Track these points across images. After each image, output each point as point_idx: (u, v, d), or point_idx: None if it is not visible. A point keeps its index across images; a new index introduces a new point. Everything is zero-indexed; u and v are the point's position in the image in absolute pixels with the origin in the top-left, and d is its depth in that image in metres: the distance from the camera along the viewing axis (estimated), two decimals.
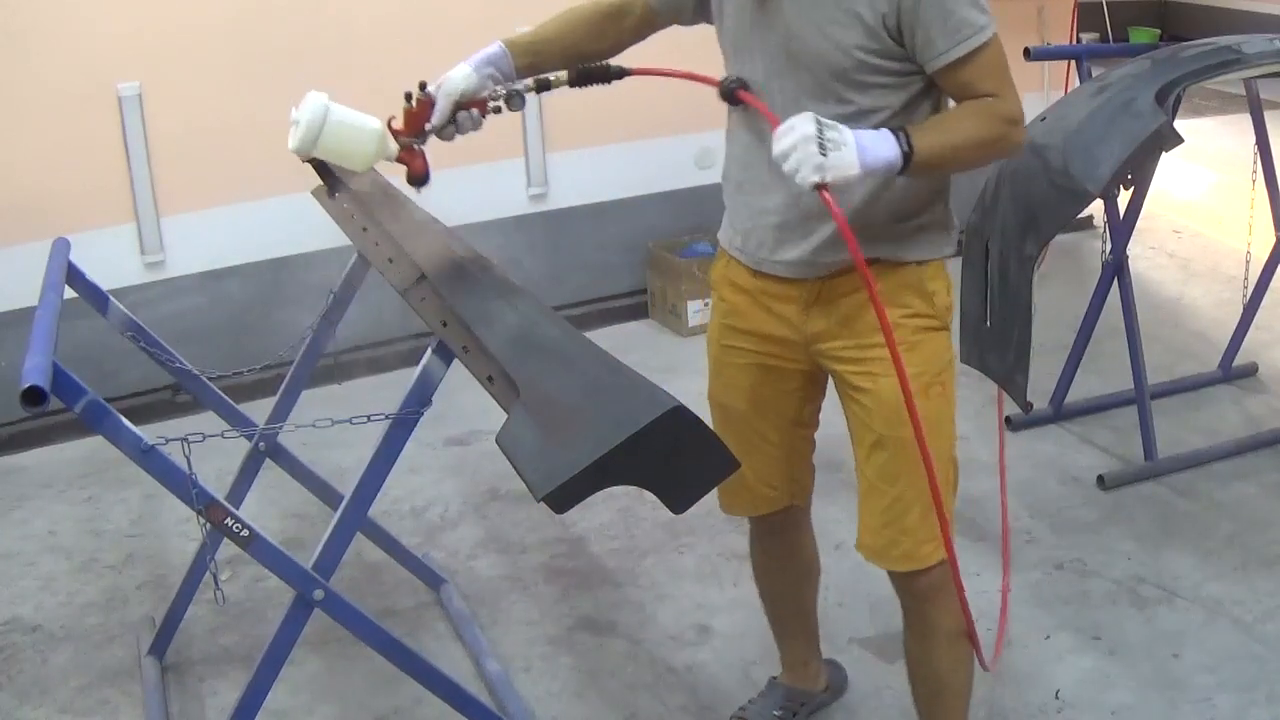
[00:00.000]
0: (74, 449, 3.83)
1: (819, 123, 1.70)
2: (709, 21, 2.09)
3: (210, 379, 2.70)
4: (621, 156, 4.70)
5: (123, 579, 3.17)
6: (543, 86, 2.04)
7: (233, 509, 2.00)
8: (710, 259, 5.20)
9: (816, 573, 2.54)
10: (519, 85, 2.03)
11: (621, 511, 3.36)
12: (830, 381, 2.15)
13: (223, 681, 2.73)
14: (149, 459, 1.91)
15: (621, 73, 2.04)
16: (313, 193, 2.65)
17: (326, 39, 4.08)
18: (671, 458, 1.49)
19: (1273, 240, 3.94)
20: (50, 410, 1.76)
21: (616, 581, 3.09)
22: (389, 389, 2.68)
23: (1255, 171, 3.85)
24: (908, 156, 1.76)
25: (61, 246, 2.50)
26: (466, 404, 2.78)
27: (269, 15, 4.01)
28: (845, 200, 1.84)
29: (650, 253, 4.77)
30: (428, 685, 2.24)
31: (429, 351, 1.98)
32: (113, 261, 3.83)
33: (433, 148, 2.07)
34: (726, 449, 1.54)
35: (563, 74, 2.03)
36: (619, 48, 2.15)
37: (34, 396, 1.73)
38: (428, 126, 2.02)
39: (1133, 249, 3.56)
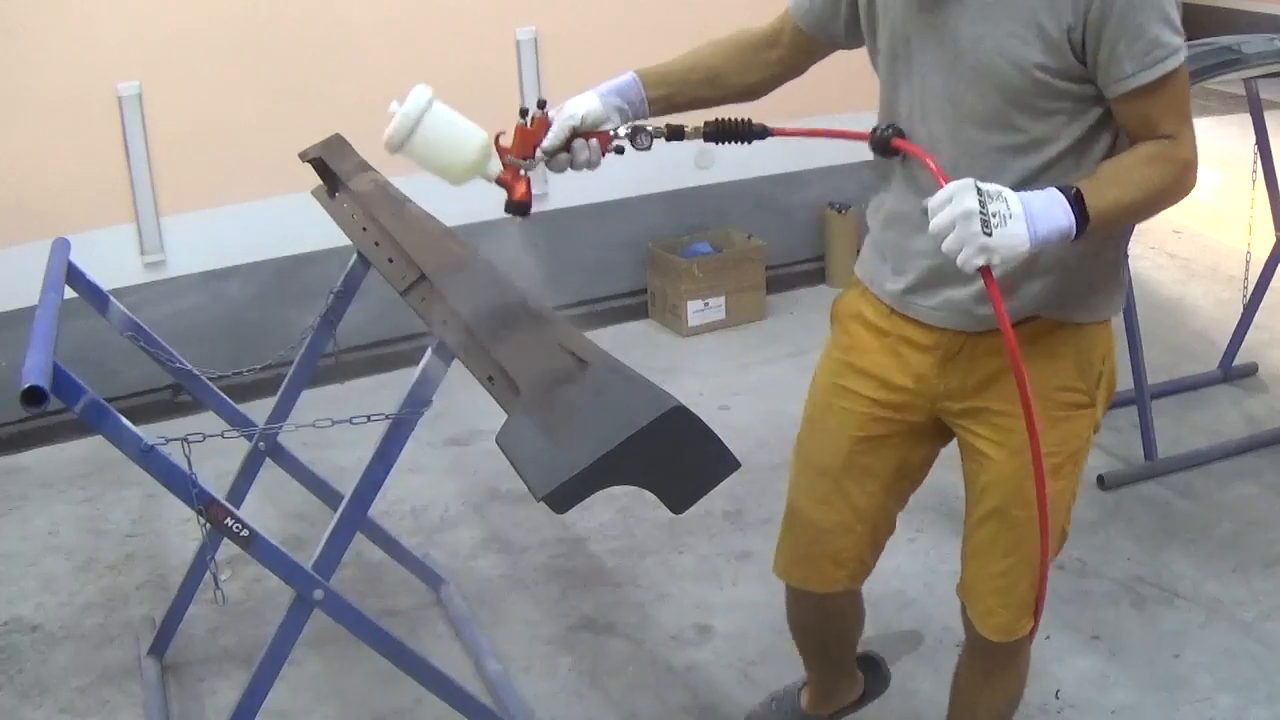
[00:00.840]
0: (74, 449, 3.83)
1: (981, 193, 1.50)
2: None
3: (210, 379, 2.70)
4: (622, 156, 4.69)
5: (123, 579, 3.17)
6: (674, 135, 1.82)
7: (233, 509, 2.00)
8: (709, 259, 5.16)
9: (860, 625, 2.32)
10: (648, 125, 1.83)
11: (621, 511, 3.36)
12: (934, 457, 2.01)
13: (223, 681, 2.73)
14: (149, 459, 1.91)
15: (764, 132, 1.82)
16: (313, 193, 2.65)
17: (327, 39, 4.08)
18: (672, 458, 1.49)
19: (1273, 240, 3.93)
20: (50, 410, 1.76)
21: (616, 581, 3.09)
22: (389, 389, 2.69)
23: (1255, 171, 3.85)
24: (1082, 221, 1.54)
25: (61, 246, 2.50)
26: (466, 404, 2.77)
27: (269, 15, 4.01)
28: None
29: (650, 253, 4.77)
30: (428, 685, 2.24)
31: (429, 351, 1.98)
32: (113, 261, 3.83)
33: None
34: (726, 449, 1.54)
35: (699, 123, 1.83)
36: (769, 83, 1.95)
37: (34, 396, 1.73)
38: (539, 150, 1.82)
39: (1133, 249, 3.56)
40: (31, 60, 3.72)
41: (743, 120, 1.82)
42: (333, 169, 2.51)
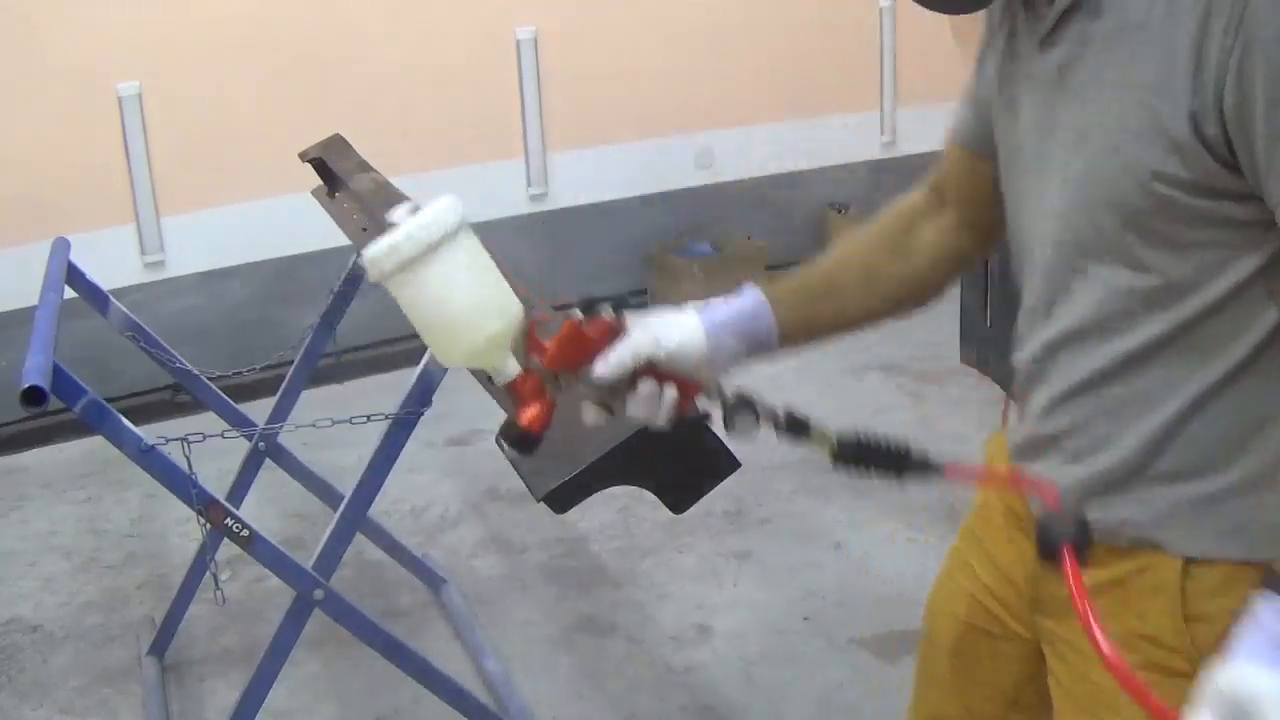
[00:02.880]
0: (74, 449, 3.83)
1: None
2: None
3: (210, 379, 2.70)
4: (621, 156, 4.70)
5: (123, 579, 3.17)
6: (795, 431, 1.22)
7: (233, 509, 2.00)
8: (709, 259, 5.16)
9: None
10: (759, 404, 1.23)
11: (621, 511, 3.36)
12: None
13: (223, 681, 2.73)
14: (149, 459, 1.91)
15: (925, 465, 1.21)
16: (313, 193, 2.65)
17: (327, 39, 4.08)
18: (672, 458, 1.49)
19: None
20: (50, 410, 1.76)
21: (616, 581, 3.09)
22: (389, 389, 2.68)
23: None
24: None
25: (61, 246, 2.50)
26: (466, 404, 2.77)
27: (269, 16, 4.01)
28: (1123, 418, 1.13)
29: (650, 253, 4.77)
30: (428, 685, 2.24)
31: (429, 351, 1.98)
32: (113, 261, 3.83)
33: (431, 147, 2.05)
34: (726, 449, 1.53)
35: (829, 433, 1.21)
36: (944, 264, 1.38)
37: (34, 396, 1.73)
38: (589, 369, 1.18)
39: None
40: (31, 60, 3.73)
41: (894, 447, 1.20)
42: (333, 169, 2.52)
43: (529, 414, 1.18)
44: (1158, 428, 1.12)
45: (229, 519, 1.97)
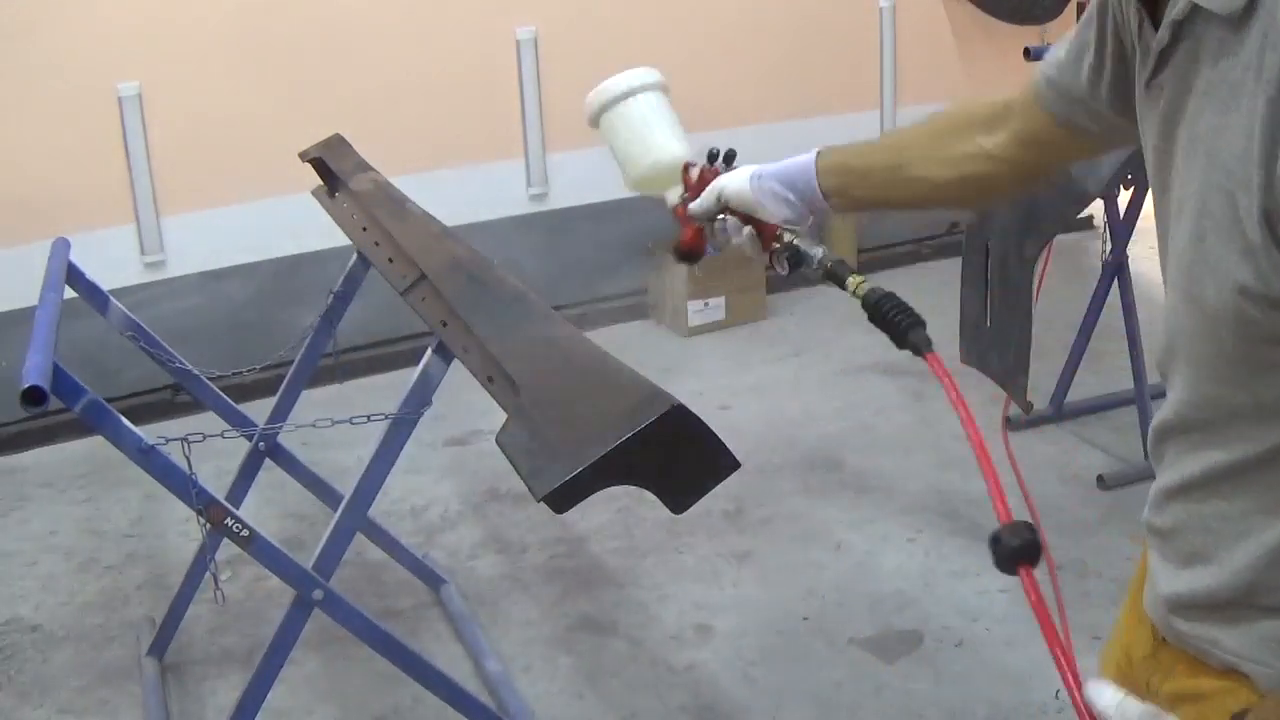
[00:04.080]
0: (74, 449, 3.83)
1: None
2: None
3: (210, 379, 2.70)
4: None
5: (123, 579, 3.17)
6: (833, 279, 1.31)
7: (233, 509, 2.00)
8: (709, 259, 5.19)
9: None
10: (808, 249, 1.36)
11: (621, 511, 3.36)
12: None
13: (223, 681, 2.73)
14: (149, 459, 1.91)
15: (917, 347, 1.20)
16: (313, 193, 2.65)
17: (327, 39, 4.08)
18: (672, 458, 1.49)
19: None
20: (50, 410, 1.77)
21: (616, 581, 3.09)
22: (389, 389, 2.68)
23: None
24: None
25: (61, 246, 2.50)
26: (466, 404, 2.78)
27: (269, 15, 4.01)
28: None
29: (650, 253, 4.77)
30: (427, 685, 2.24)
31: (429, 351, 1.98)
32: (113, 261, 3.83)
33: (431, 147, 2.05)
34: (726, 449, 1.53)
35: (861, 281, 1.25)
36: (970, 185, 1.32)
37: (34, 396, 1.73)
38: (693, 204, 1.53)
39: (1133, 249, 3.55)
40: (32, 60, 3.72)
41: (903, 319, 1.21)
42: (333, 169, 2.52)
43: (686, 233, 1.56)
44: (1258, 556, 0.98)
45: (229, 519, 1.97)
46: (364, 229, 2.36)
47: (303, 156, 2.65)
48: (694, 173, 1.55)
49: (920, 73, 5.18)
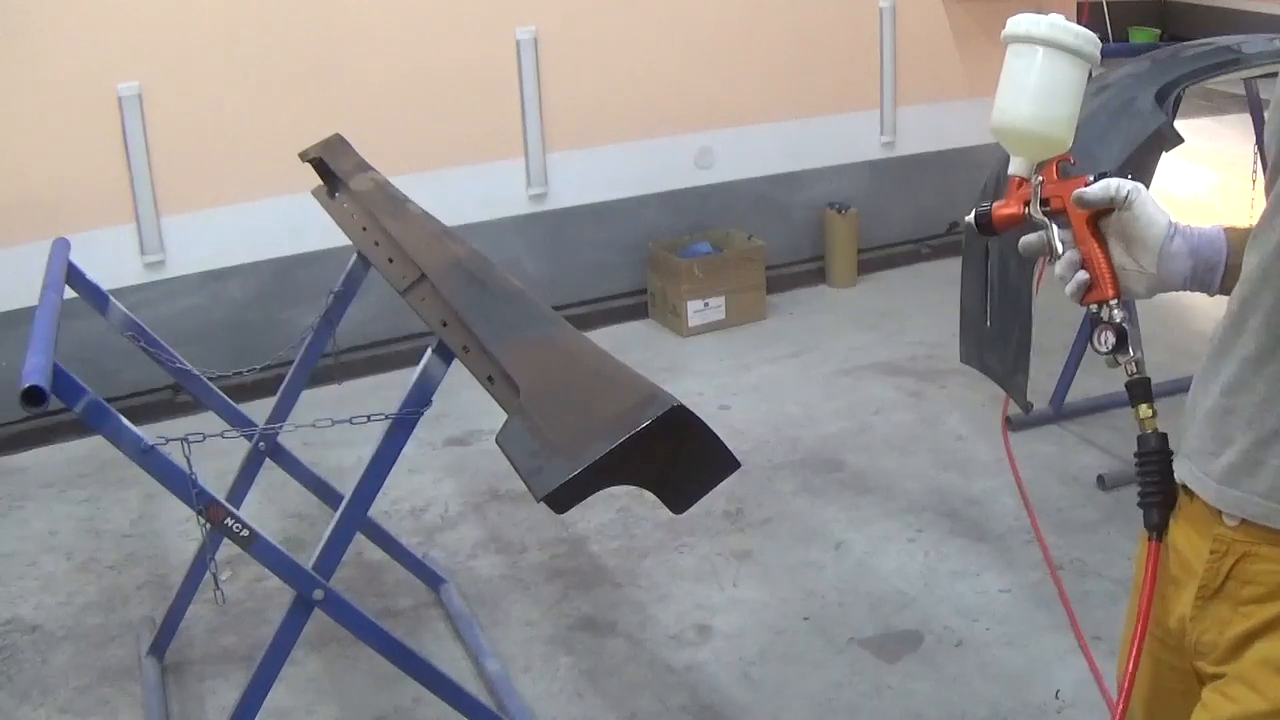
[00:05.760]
0: (74, 449, 3.83)
1: None
2: None
3: (210, 379, 2.70)
4: (621, 156, 4.70)
5: (123, 579, 3.17)
6: (1131, 393, 1.38)
7: (233, 509, 2.00)
8: (709, 259, 5.15)
9: None
10: (1137, 348, 1.36)
11: (621, 511, 3.36)
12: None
13: (223, 681, 2.73)
14: (149, 459, 1.91)
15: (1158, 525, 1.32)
16: (313, 193, 2.65)
17: (327, 40, 4.08)
18: (672, 458, 1.49)
19: None
20: (50, 410, 1.77)
21: (616, 581, 3.09)
22: (389, 389, 2.68)
23: (1255, 172, 3.84)
24: None
25: (61, 246, 2.50)
26: (466, 404, 2.78)
27: (269, 15, 4.01)
28: None
29: (650, 253, 4.77)
30: (428, 685, 2.24)
31: (429, 351, 1.98)
32: (113, 261, 3.84)
33: (431, 147, 2.05)
34: (726, 449, 1.53)
35: (1149, 414, 1.34)
36: None
37: (34, 396, 1.73)
38: (1084, 189, 1.33)
39: None
40: (32, 60, 3.73)
41: (1161, 481, 1.33)
42: (333, 169, 2.52)
43: (1005, 208, 1.39)
44: None
45: (229, 519, 1.97)
46: (364, 229, 2.36)
47: (303, 156, 2.65)
48: (1069, 171, 1.38)
49: (920, 73, 5.18)
